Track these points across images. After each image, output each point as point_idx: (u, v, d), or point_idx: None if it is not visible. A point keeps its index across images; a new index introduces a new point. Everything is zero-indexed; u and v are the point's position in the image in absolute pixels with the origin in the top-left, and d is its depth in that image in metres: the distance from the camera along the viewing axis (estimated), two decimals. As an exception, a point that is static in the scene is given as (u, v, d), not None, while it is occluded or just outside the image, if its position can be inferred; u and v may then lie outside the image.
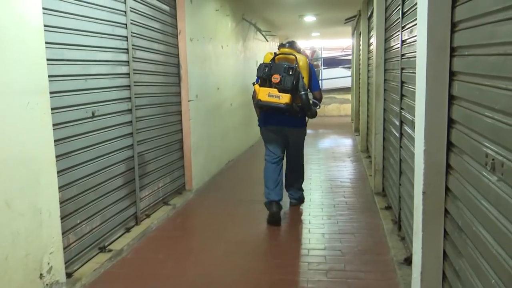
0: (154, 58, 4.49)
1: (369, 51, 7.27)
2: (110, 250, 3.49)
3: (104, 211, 3.56)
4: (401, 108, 3.54)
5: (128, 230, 3.91)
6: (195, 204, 5.03)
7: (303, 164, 4.45)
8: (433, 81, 2.10)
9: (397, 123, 3.72)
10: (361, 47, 8.35)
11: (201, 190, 5.53)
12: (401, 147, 3.57)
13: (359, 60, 9.27)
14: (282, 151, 4.24)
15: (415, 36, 2.86)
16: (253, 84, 4.06)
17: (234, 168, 6.86)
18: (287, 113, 3.93)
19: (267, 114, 4.12)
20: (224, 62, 6.82)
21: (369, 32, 7.34)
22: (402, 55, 3.53)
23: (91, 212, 3.37)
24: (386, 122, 4.68)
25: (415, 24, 2.91)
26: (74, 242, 3.17)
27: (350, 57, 14.26)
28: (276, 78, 3.81)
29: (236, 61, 7.66)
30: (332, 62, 17.41)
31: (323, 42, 19.22)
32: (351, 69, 13.66)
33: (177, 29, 5.05)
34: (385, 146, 4.74)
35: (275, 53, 4.06)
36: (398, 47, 3.69)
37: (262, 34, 9.66)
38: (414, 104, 2.78)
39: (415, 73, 2.70)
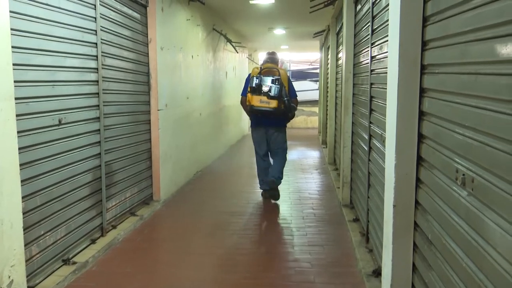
0: (124, 66, 4.42)
1: (337, 65, 7.41)
2: (74, 263, 3.37)
3: (69, 221, 3.44)
4: (370, 122, 3.61)
5: (93, 241, 3.80)
6: (163, 215, 4.95)
7: (285, 157, 5.47)
8: (404, 97, 2.16)
9: (366, 136, 3.79)
10: (329, 61, 8.51)
11: (169, 201, 5.45)
12: (369, 160, 3.63)
13: (327, 74, 9.44)
14: (268, 147, 5.40)
15: (385, 52, 2.93)
16: (242, 95, 5.22)
17: (202, 179, 6.81)
18: (274, 115, 5.01)
19: (257, 117, 5.20)
20: (194, 72, 6.79)
21: (337, 46, 7.49)
22: (372, 70, 3.61)
23: (55, 222, 3.25)
24: (354, 135, 4.76)
25: (385, 41, 2.99)
26: (37, 254, 3.04)
27: (317, 71, 14.51)
28: (265, 87, 4.96)
29: (206, 71, 7.64)
30: (300, 75, 17.65)
31: (292, 55, 19.49)
32: (318, 83, 13.89)
33: (147, 37, 5.00)
34: (353, 159, 4.82)
35: (260, 67, 5.20)
36: (368, 63, 3.78)
37: (232, 45, 9.70)
38: (384, 118, 2.85)
39: (384, 88, 2.77)
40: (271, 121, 5.18)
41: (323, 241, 4.07)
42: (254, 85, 4.98)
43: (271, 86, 4.96)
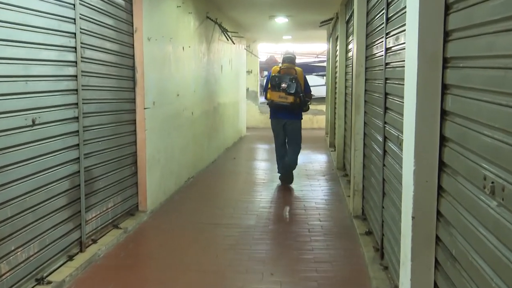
0: (106, 58, 4.42)
1: (347, 58, 7.41)
2: (49, 282, 3.35)
3: (43, 235, 3.43)
4: (385, 123, 3.61)
5: (71, 258, 3.78)
6: (150, 227, 4.94)
7: (300, 146, 6.85)
8: (423, 94, 2.16)
9: (380, 139, 3.79)
10: (337, 53, 8.52)
11: (157, 212, 5.44)
12: (384, 165, 3.63)
13: (336, 67, 9.45)
14: (284, 137, 6.84)
15: (402, 44, 2.93)
16: (264, 91, 6.87)
17: (195, 186, 6.80)
18: (290, 109, 6.55)
19: (276, 110, 6.74)
20: (186, 66, 6.80)
21: (347, 37, 7.50)
22: (387, 64, 3.62)
23: (28, 237, 3.24)
24: (366, 137, 4.76)
25: (402, 31, 3.00)
26: (7, 272, 3.02)
27: (324, 64, 14.52)
28: (284, 85, 6.49)
29: (199, 64, 7.65)
30: (304, 69, 17.69)
31: (295, 46, 19.51)
32: (325, 77, 13.90)
33: (133, 26, 5.00)
34: (365, 164, 4.82)
35: (280, 67, 6.73)
36: (382, 55, 3.78)
37: (228, 36, 9.71)
38: (400, 118, 2.85)
39: (401, 84, 2.77)
40: (288, 114, 6.68)
41: (332, 257, 4.06)
42: (274, 82, 6.53)
43: (289, 84, 6.49)
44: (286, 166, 6.80)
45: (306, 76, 6.82)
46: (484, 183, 1.68)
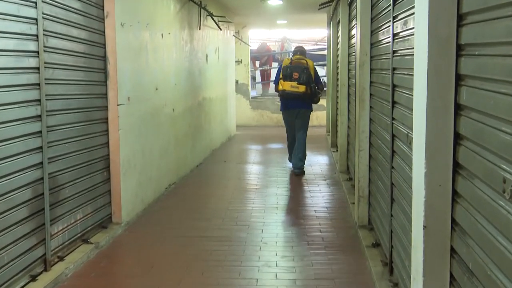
0: (73, 48, 4.41)
1: (350, 46, 7.44)
2: (8, 307, 3.33)
3: (1, 252, 3.41)
4: (393, 119, 3.63)
5: (34, 278, 3.76)
6: (126, 242, 4.93)
7: (305, 138, 8.12)
8: (435, 86, 2.18)
9: (388, 137, 3.80)
10: (339, 40, 8.55)
11: (133, 224, 5.43)
12: (392, 167, 3.65)
13: (337, 56, 9.47)
14: (294, 126, 8.13)
15: (411, 28, 2.95)
16: (274, 83, 8.16)
17: (177, 193, 6.79)
18: (301, 98, 7.75)
19: (287, 101, 7.93)
20: (165, 55, 6.79)
21: (350, 21, 7.53)
22: (394, 51, 3.63)
23: (-17, 254, 3.21)
24: (372, 135, 4.78)
25: (411, 14, 3.02)
26: (-41, 296, 3.00)
27: (325, 52, 14.57)
28: (296, 75, 7.68)
29: (181, 53, 7.64)
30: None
31: (292, 32, 19.56)
32: (326, 68, 13.94)
33: (103, 10, 4.99)
34: (371, 167, 4.84)
35: (291, 58, 8.07)
36: (389, 42, 3.80)
37: (214, 20, 9.70)
38: (410, 113, 2.87)
39: (411, 74, 2.79)
40: (300, 103, 7.87)
41: (334, 274, 4.08)
42: (286, 72, 7.74)
43: (300, 74, 7.66)
44: (296, 171, 8.02)
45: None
46: (503, 186, 1.69)
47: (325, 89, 12.94)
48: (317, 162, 9.19)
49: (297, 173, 7.97)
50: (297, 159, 8.02)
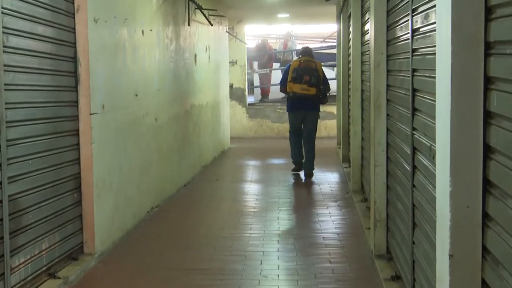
0: (38, 47, 4.42)
1: (363, 43, 7.46)
2: None
3: (-47, 290, 3.40)
4: (414, 129, 3.64)
5: (-10, 320, 3.75)
6: (100, 276, 4.90)
7: (315, 140, 9.46)
8: (460, 91, 2.19)
9: (408, 150, 3.81)
10: (351, 36, 8.59)
11: (109, 254, 5.41)
12: (414, 186, 3.65)
13: (349, 55, 9.50)
14: (300, 129, 9.40)
15: (433, 23, 2.97)
16: (281, 85, 9.47)
17: (161, 218, 6.78)
18: (312, 100, 9.09)
19: (296, 103, 9.19)
20: (146, 56, 6.81)
21: (363, 15, 7.56)
22: (414, 50, 3.65)
23: None
24: (390, 148, 4.79)
25: (432, 7, 3.04)
26: None
27: (334, 51, 14.63)
28: (306, 77, 8.93)
29: (165, 53, 7.67)
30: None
31: (295, 28, 19.63)
32: (336, 68, 13.96)
33: (73, 4, 5.01)
34: (389, 185, 4.84)
35: (299, 60, 9.22)
36: (408, 39, 3.82)
37: (204, 15, 9.75)
38: (433, 122, 2.88)
39: (433, 76, 2.80)
40: (309, 105, 9.17)
41: (346, 312, 4.06)
42: (295, 75, 9.00)
43: (310, 77, 8.94)
44: (306, 175, 9.31)
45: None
46: (541, 208, 1.70)
47: (334, 93, 13.03)
48: (326, 180, 9.19)
49: (307, 174, 9.32)
50: (308, 162, 9.32)
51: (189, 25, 9.06)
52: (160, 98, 7.46)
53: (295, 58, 11.91)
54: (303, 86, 8.93)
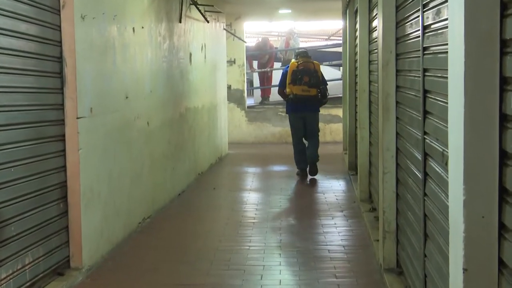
0: (21, 46, 4.43)
1: (371, 41, 7.47)
2: None
3: None
4: (425, 133, 3.63)
5: None
6: (87, 292, 4.90)
7: (318, 140, 10.20)
8: (474, 92, 2.19)
9: (419, 156, 3.81)
10: (357, 33, 8.60)
11: (97, 269, 5.40)
12: (425, 195, 3.65)
13: (356, 54, 9.51)
14: (304, 131, 10.00)
15: (445, 19, 2.97)
16: (280, 87, 10.11)
17: (153, 230, 6.77)
18: (312, 101, 9.72)
19: (296, 104, 9.74)
20: (138, 55, 6.82)
21: (370, 10, 7.58)
22: (425, 48, 3.65)
23: None
24: (400, 154, 4.78)
25: (445, 1, 3.04)
26: None
27: (340, 49, 14.65)
28: (306, 78, 9.54)
29: (157, 53, 7.68)
30: (312, 57, 17.80)
31: (298, 24, 19.65)
32: (342, 68, 13.97)
33: (59, 0, 5.02)
34: (399, 194, 4.83)
35: (297, 62, 9.78)
36: (418, 36, 3.82)
37: (199, 11, 9.76)
38: (446, 126, 2.88)
39: (446, 77, 2.80)
40: (309, 106, 9.78)
41: (353, 330, 4.06)
42: (295, 77, 9.59)
43: (310, 77, 9.56)
44: (311, 163, 9.93)
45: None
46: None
47: (335, 95, 13.08)
48: (331, 188, 9.19)
49: (312, 175, 9.96)
50: (312, 164, 9.93)
51: (183, 22, 9.07)
52: (153, 101, 7.46)
53: (294, 56, 12.04)
54: (304, 88, 9.55)
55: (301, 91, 9.58)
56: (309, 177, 10.03)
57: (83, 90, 5.24)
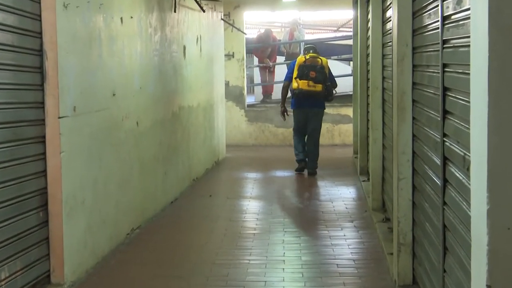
0: (-4, 38, 4.43)
1: (384, 33, 7.47)
2: None
3: None
4: (444, 135, 3.63)
5: None
6: (70, 310, 4.91)
7: (319, 138, 11.05)
8: (499, 90, 2.19)
9: (438, 161, 3.81)
10: (370, 25, 8.60)
11: (80, 285, 5.40)
12: (445, 203, 3.64)
13: (367, 47, 9.51)
14: (305, 127, 10.87)
15: (467, 9, 2.97)
16: (285, 80, 11.10)
17: (142, 242, 6.77)
18: (317, 97, 10.53)
19: (302, 100, 10.60)
20: (126, 48, 6.82)
21: (384, -1, 7.58)
22: (444, 41, 3.65)
23: None
24: (417, 158, 4.78)
25: (467, -11, 3.04)
26: None
27: (350, 42, 14.65)
28: (312, 74, 10.37)
29: (148, 45, 7.68)
30: (319, 50, 17.79)
31: (303, 15, 19.67)
32: (352, 63, 13.98)
33: (39, -14, 5.03)
34: (416, 202, 4.83)
35: (304, 57, 10.66)
36: (437, 28, 3.82)
37: (195, -1, 9.76)
38: (467, 128, 2.88)
39: (467, 73, 2.80)
40: (315, 102, 10.64)
41: None
42: (301, 72, 10.45)
43: (316, 72, 10.38)
44: (309, 174, 10.83)
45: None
46: None
47: (350, 93, 13.07)
48: (340, 195, 9.18)
49: (311, 173, 10.83)
50: (312, 161, 10.88)
51: (176, 11, 9.07)
52: (143, 99, 7.46)
53: (302, 51, 12.68)
54: (310, 83, 10.39)
55: (307, 86, 10.38)
56: (308, 174, 10.91)
57: (66, 87, 5.23)
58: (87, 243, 5.69)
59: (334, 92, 10.87)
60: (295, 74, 10.56)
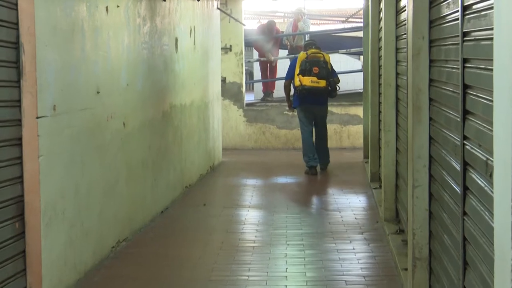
0: (-32, 30, 4.44)
1: (398, 24, 7.47)
2: None
3: None
4: (465, 138, 3.63)
5: None
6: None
7: (327, 134, 12.01)
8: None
9: (457, 166, 3.81)
10: (382, 15, 8.61)
11: (60, 303, 5.41)
12: (465, 213, 3.64)
13: (379, 40, 9.51)
14: (312, 124, 11.78)
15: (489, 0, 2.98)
16: (286, 79, 12.07)
17: (129, 256, 6.78)
18: (322, 93, 11.36)
19: (305, 97, 11.31)
20: (112, 40, 6.82)
21: (398, -14, 7.58)
22: (464, 34, 3.65)
23: None
24: (434, 163, 4.78)
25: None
26: None
27: (360, 34, 14.66)
28: (316, 69, 11.23)
29: (136, 37, 7.68)
30: (326, 43, 17.80)
31: (308, 3, 19.69)
32: (363, 57, 13.98)
33: (16, -28, 5.04)
34: (433, 212, 4.83)
35: (306, 53, 11.42)
36: (457, 19, 3.82)
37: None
38: (490, 130, 2.88)
39: (490, 69, 2.81)
40: (318, 98, 11.40)
41: None
42: (304, 67, 11.17)
43: (320, 68, 11.14)
44: (322, 167, 11.73)
45: (330, 56, 11.49)
46: None
47: (360, 90, 13.11)
48: (349, 204, 9.18)
49: (323, 168, 11.77)
50: (323, 157, 11.74)
51: (168, 0, 9.07)
52: (130, 97, 7.47)
53: (303, 48, 13.02)
54: (313, 79, 11.15)
55: (310, 82, 11.13)
56: (321, 169, 11.84)
57: (45, 83, 5.24)
58: (68, 258, 5.69)
59: (337, 87, 11.51)
60: (297, 70, 11.26)
